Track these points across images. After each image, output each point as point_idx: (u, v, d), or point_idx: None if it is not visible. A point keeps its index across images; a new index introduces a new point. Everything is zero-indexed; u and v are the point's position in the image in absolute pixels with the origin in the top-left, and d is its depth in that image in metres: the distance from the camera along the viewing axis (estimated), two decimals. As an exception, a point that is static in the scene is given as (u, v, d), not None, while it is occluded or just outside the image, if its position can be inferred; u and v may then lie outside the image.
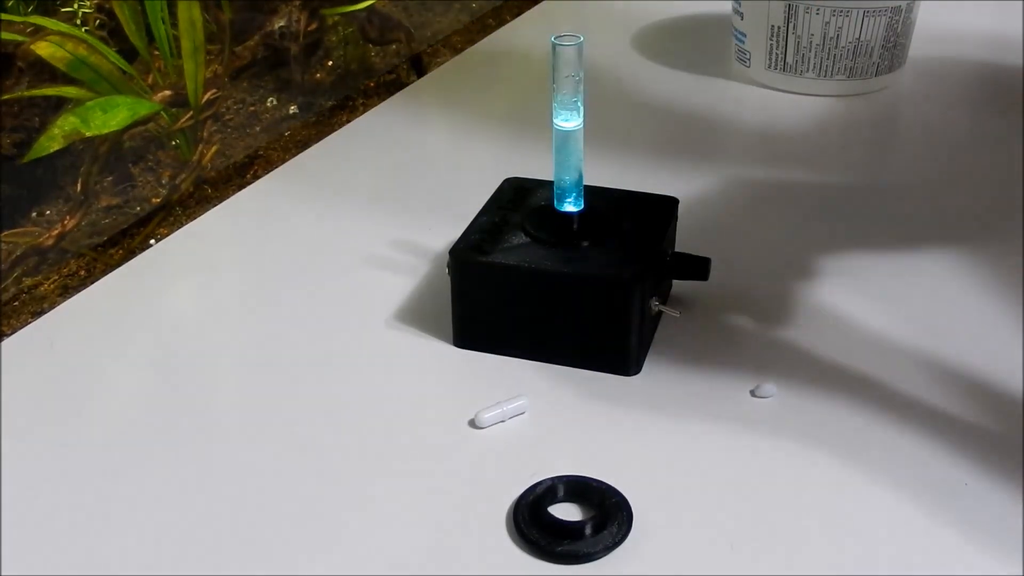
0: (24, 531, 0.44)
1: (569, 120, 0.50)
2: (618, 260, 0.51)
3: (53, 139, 0.60)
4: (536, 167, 0.58)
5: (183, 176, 0.71)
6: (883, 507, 0.44)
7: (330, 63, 0.82)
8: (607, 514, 0.43)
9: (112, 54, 0.63)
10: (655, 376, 0.52)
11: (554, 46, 0.48)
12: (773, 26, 0.80)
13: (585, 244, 0.52)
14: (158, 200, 0.69)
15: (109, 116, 0.63)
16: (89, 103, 0.62)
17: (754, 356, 0.53)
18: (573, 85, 0.49)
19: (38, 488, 0.46)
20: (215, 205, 0.70)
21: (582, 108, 0.50)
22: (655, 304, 0.52)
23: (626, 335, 0.51)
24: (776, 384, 0.50)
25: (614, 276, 0.50)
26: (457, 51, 0.94)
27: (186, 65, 0.69)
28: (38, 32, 0.58)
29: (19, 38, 0.57)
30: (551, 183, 0.53)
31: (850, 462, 0.46)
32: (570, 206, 0.53)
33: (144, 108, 0.66)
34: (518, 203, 0.56)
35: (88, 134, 0.62)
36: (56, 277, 0.63)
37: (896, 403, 0.50)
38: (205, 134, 0.72)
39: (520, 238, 0.53)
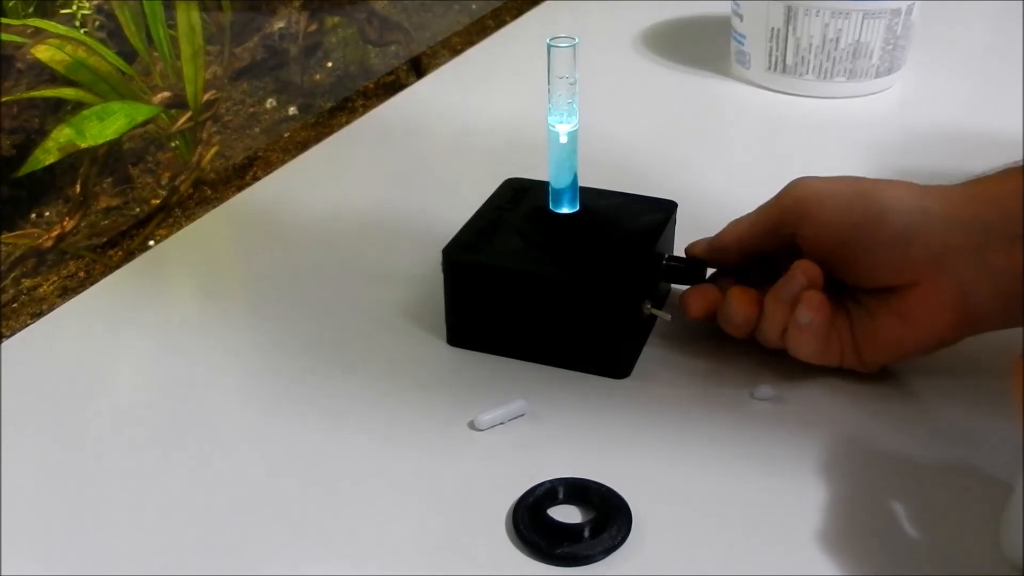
0: (24, 531, 0.44)
1: (564, 122, 0.50)
2: (607, 263, 0.51)
3: (48, 152, 0.60)
4: (536, 168, 0.58)
5: (182, 177, 0.71)
6: (884, 507, 0.44)
7: (329, 64, 0.82)
8: (606, 516, 0.43)
9: (111, 55, 0.63)
10: (654, 378, 0.52)
11: (549, 47, 0.48)
12: (773, 28, 0.80)
13: (577, 246, 0.52)
14: (157, 201, 0.69)
15: (105, 125, 0.63)
16: (85, 112, 0.61)
17: (752, 357, 0.53)
18: (567, 87, 0.49)
19: (38, 489, 0.46)
20: (214, 207, 0.70)
21: (577, 110, 0.50)
22: (647, 307, 0.52)
23: (614, 338, 0.51)
24: (772, 386, 0.50)
25: (601, 279, 0.50)
26: (456, 52, 0.94)
27: (185, 67, 0.69)
28: (38, 34, 0.58)
29: (18, 40, 0.57)
30: (551, 184, 0.53)
31: (850, 462, 0.46)
32: (565, 208, 0.53)
33: (142, 113, 0.66)
34: (516, 203, 0.56)
35: (83, 145, 0.62)
36: (55, 279, 0.63)
37: (896, 402, 0.50)
38: (204, 135, 0.72)
39: (513, 239, 0.53)
